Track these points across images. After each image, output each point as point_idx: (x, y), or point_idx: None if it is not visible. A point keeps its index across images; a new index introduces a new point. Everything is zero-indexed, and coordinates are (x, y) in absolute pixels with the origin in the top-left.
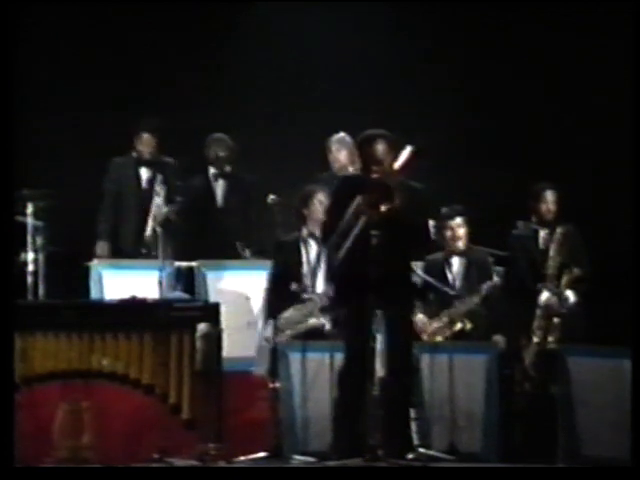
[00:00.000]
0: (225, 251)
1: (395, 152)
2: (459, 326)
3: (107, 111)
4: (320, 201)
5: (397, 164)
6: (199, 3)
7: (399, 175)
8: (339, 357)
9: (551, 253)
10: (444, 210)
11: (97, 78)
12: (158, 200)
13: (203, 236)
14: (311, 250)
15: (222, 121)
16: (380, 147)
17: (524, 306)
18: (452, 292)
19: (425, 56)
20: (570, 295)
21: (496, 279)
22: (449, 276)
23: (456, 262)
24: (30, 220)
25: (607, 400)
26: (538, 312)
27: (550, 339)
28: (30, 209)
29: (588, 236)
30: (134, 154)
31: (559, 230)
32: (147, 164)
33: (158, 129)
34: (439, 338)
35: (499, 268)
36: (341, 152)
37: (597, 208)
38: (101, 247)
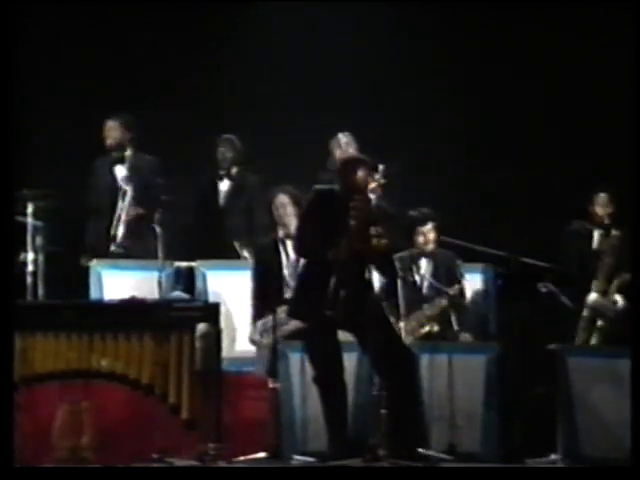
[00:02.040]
0: (226, 251)
1: (371, 176)
2: (427, 328)
3: (107, 111)
4: (281, 203)
5: (374, 194)
6: (199, 3)
7: (378, 203)
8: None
9: (606, 256)
10: (414, 214)
11: (97, 78)
12: (125, 199)
13: (204, 236)
14: (289, 251)
15: (222, 121)
16: (361, 174)
17: (573, 304)
18: (451, 292)
19: (425, 56)
20: (619, 299)
21: (464, 282)
22: (416, 277)
23: (424, 264)
24: (30, 220)
25: (607, 400)
26: (585, 313)
27: (593, 341)
28: (30, 209)
29: None
30: (114, 154)
31: (615, 233)
32: (122, 162)
33: (125, 120)
34: (407, 340)
35: (500, 269)
36: (349, 151)
37: None
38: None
